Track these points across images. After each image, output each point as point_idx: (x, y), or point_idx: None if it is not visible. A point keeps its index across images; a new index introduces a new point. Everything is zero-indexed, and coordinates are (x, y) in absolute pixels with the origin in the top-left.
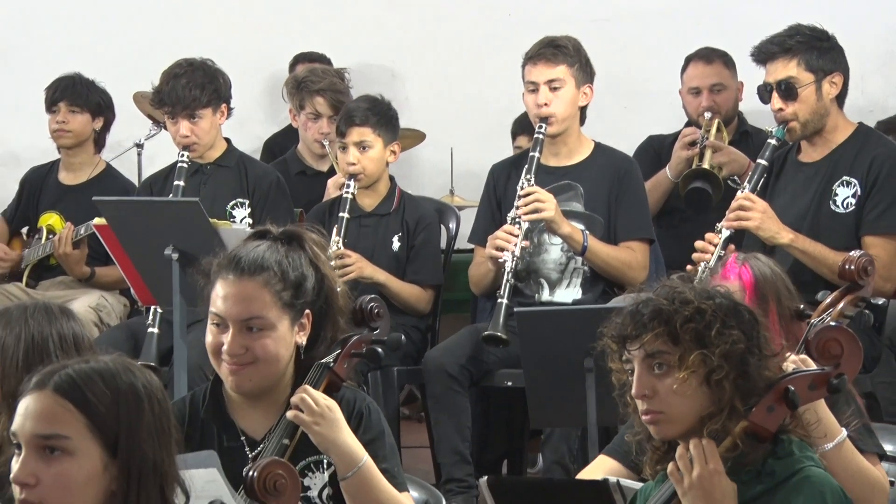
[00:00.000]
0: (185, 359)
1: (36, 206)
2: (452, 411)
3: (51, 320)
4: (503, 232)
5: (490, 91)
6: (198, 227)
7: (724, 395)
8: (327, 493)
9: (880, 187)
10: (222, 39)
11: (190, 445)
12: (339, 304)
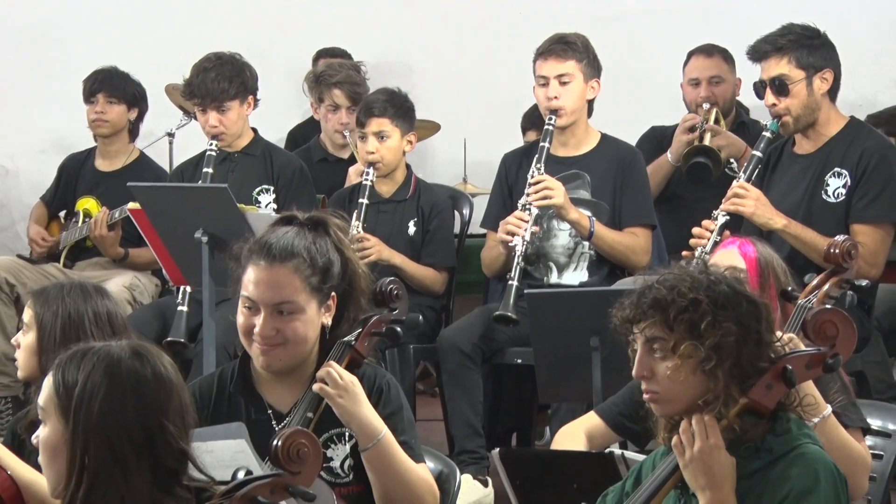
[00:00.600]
0: (213, 336)
1: (73, 191)
2: (465, 387)
3: (86, 298)
4: (514, 218)
5: (501, 85)
6: (226, 212)
7: (718, 383)
8: (349, 464)
9: (868, 178)
10: (249, 35)
11: (219, 418)
12: (362, 286)
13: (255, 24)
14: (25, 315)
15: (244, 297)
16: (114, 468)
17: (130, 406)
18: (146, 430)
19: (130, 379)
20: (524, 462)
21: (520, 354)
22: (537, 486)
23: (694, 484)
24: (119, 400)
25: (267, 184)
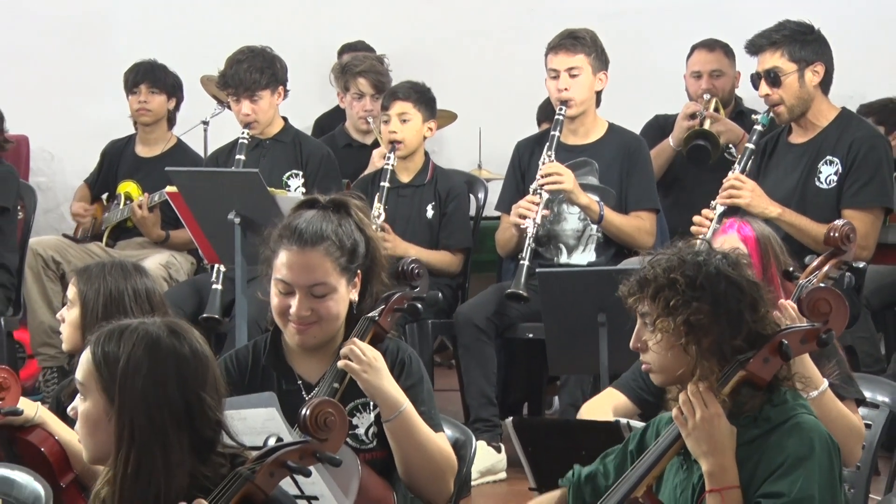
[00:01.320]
0: (245, 311)
1: (115, 175)
2: (480, 359)
3: (126, 277)
4: (526, 202)
5: (514, 77)
6: (257, 195)
7: (690, 358)
8: (372, 431)
9: (858, 166)
10: (279, 30)
11: (253, 388)
12: (382, 262)
13: (284, 20)
14: (69, 292)
15: (278, 280)
16: (156, 441)
17: (171, 381)
18: (186, 403)
19: (171, 355)
20: (536, 430)
21: (531, 329)
22: (548, 452)
23: (696, 451)
24: (161, 376)
25: (296, 169)
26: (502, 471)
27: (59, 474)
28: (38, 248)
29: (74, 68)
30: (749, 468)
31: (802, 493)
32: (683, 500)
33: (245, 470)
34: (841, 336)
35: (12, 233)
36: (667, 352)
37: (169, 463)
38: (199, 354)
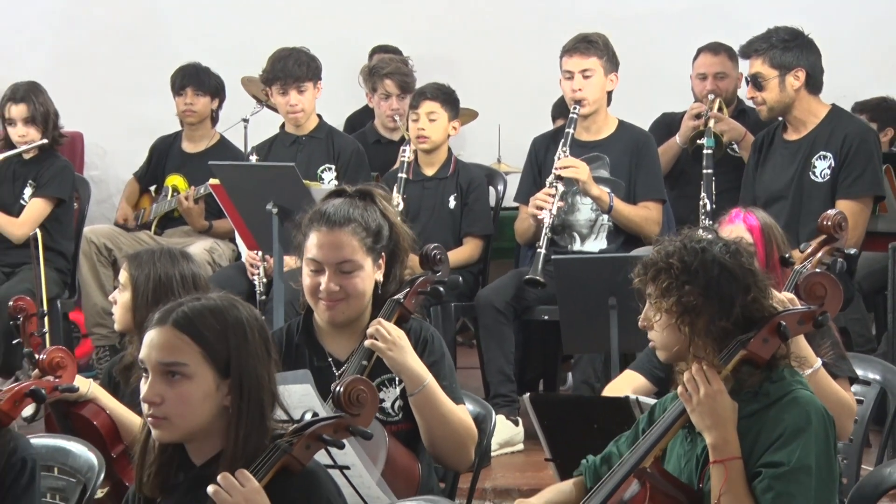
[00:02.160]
0: (282, 294)
1: (163, 169)
2: (499, 339)
3: (174, 262)
4: (542, 194)
5: (531, 77)
6: (293, 187)
7: (683, 338)
8: (398, 405)
9: (851, 160)
10: (312, 34)
11: (287, 366)
12: (405, 246)
13: (318, 25)
14: (121, 276)
15: (309, 259)
16: (258, 410)
17: (262, 352)
18: (269, 374)
19: (255, 321)
20: (551, 405)
21: (547, 312)
22: (562, 426)
23: (700, 424)
24: (255, 348)
25: (329, 163)
26: (520, 442)
27: (110, 445)
28: (91, 236)
29: (125, 70)
30: (750, 440)
31: (800, 463)
32: (688, 470)
33: (283, 442)
34: (835, 318)
35: (68, 222)
36: (664, 330)
37: (265, 433)
38: (263, 324)
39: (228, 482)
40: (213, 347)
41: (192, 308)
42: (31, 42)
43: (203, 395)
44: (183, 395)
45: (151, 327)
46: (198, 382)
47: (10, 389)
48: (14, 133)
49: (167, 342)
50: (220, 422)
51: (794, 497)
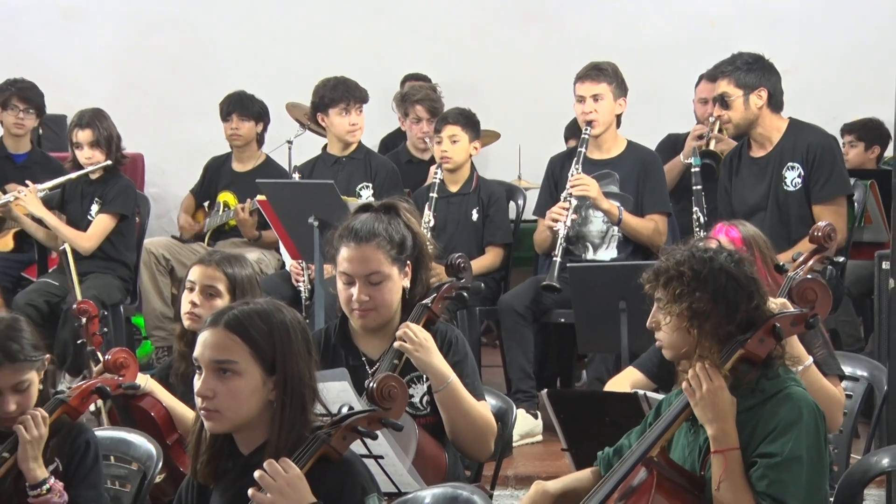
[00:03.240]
0: (322, 299)
1: (215, 186)
2: (519, 340)
3: (244, 266)
4: (558, 207)
5: (549, 101)
6: (332, 202)
7: (692, 339)
8: (426, 400)
9: (818, 166)
10: (348, 64)
11: (325, 365)
12: (429, 253)
13: (353, 54)
14: (214, 280)
15: (341, 272)
16: (300, 404)
17: (304, 352)
18: (310, 372)
19: (298, 323)
20: (567, 400)
21: (563, 315)
22: (577, 419)
23: (703, 418)
24: (298, 347)
25: (367, 181)
26: (539, 434)
27: (166, 434)
28: (151, 247)
29: (180, 96)
30: (747, 432)
31: (792, 454)
32: (691, 459)
33: (323, 433)
34: (826, 320)
35: (131, 235)
36: (674, 332)
37: (306, 425)
38: (305, 326)
39: (273, 468)
40: (260, 347)
41: (242, 311)
42: (95, 72)
43: (251, 390)
44: (233, 390)
45: (205, 329)
46: (247, 379)
47: (78, 387)
48: (81, 155)
49: (219, 342)
50: (266, 414)
51: (787, 484)
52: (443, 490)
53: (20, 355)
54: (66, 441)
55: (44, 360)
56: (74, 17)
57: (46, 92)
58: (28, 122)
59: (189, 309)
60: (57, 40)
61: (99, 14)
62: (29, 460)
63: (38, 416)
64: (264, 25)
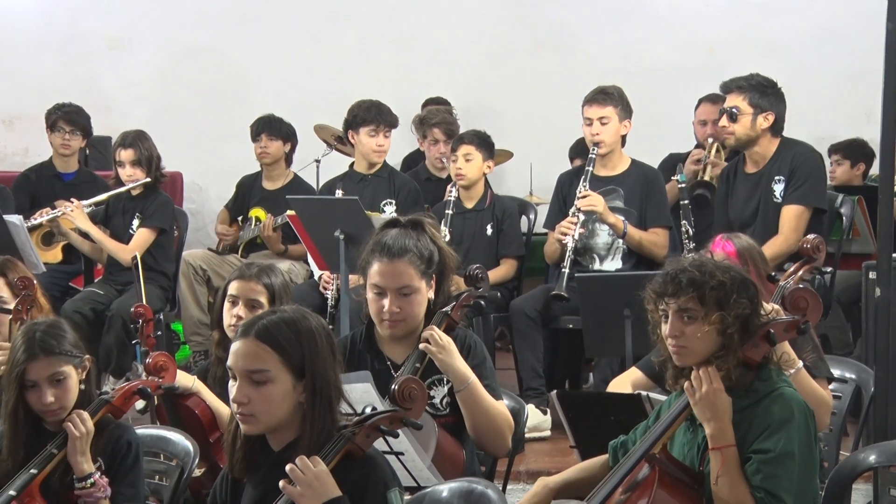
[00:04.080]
0: (347, 307)
1: (247, 202)
2: (531, 343)
3: (279, 275)
4: (566, 222)
5: (559, 123)
6: (357, 217)
7: (733, 342)
8: (446, 401)
9: (796, 173)
10: (371, 89)
11: (351, 368)
12: (451, 266)
13: (376, 80)
14: (255, 293)
15: (373, 285)
16: (327, 405)
17: (329, 355)
18: (336, 374)
19: (323, 329)
20: (575, 401)
21: (571, 321)
22: (585, 418)
23: (701, 416)
24: (324, 352)
25: (390, 198)
26: (547, 429)
27: (208, 432)
28: (189, 259)
29: (215, 119)
30: (742, 430)
31: (784, 450)
32: (690, 455)
33: (348, 432)
34: (817, 325)
35: (170, 247)
36: (711, 340)
37: (333, 424)
38: (329, 331)
39: (303, 463)
40: (289, 354)
41: (270, 321)
42: (137, 97)
43: (283, 395)
44: (266, 396)
45: (237, 339)
46: (278, 385)
47: (121, 388)
48: (123, 173)
49: (251, 352)
50: (296, 415)
51: (780, 478)
52: (459, 484)
53: (56, 349)
54: (109, 441)
55: (83, 360)
56: (120, 47)
57: (93, 115)
58: (74, 143)
59: (234, 322)
60: (103, 68)
61: (142, 44)
62: (77, 454)
63: (84, 414)
64: (293, 54)
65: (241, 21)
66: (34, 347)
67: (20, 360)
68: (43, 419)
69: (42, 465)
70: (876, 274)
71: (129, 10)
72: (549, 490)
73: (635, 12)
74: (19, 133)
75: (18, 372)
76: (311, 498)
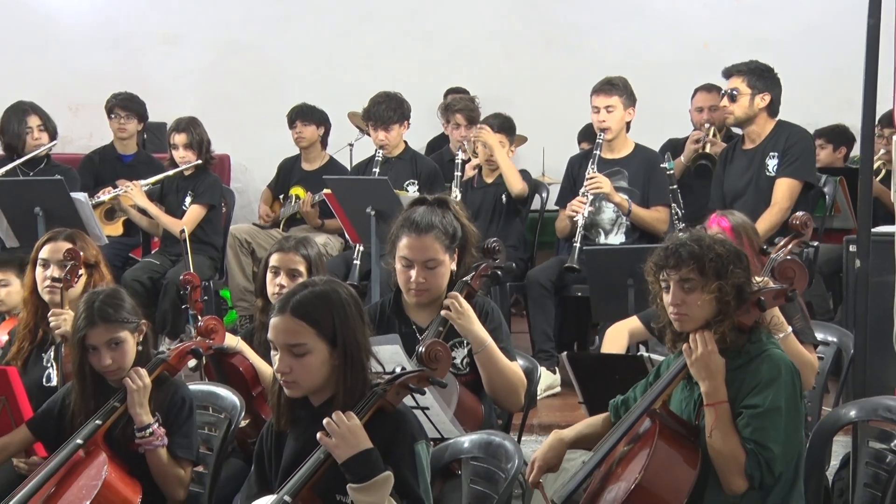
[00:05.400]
0: (378, 277)
1: (288, 182)
2: (544, 310)
3: (315, 246)
4: (576, 201)
5: (568, 111)
6: (386, 195)
7: (729, 309)
8: (466, 361)
9: (790, 151)
10: (401, 79)
11: (381, 332)
12: (472, 241)
13: (404, 72)
14: (294, 263)
15: (401, 257)
16: (359, 366)
17: (359, 322)
18: (365, 338)
19: (351, 297)
20: (583, 361)
21: (580, 289)
22: (592, 377)
23: (697, 376)
24: (353, 319)
25: (413, 178)
26: (558, 386)
27: (251, 387)
28: (235, 233)
29: (259, 107)
30: (734, 388)
31: (772, 405)
32: (687, 411)
33: (380, 389)
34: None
35: (218, 222)
36: (711, 307)
37: (366, 386)
38: (357, 298)
39: (338, 418)
40: (322, 326)
41: (304, 297)
42: (189, 87)
43: (321, 363)
44: (306, 366)
45: (275, 315)
46: (315, 355)
47: (176, 348)
48: (177, 156)
49: (289, 328)
50: (333, 377)
51: (768, 431)
52: (479, 436)
53: (113, 317)
54: (165, 396)
55: (139, 324)
56: (173, 42)
57: (149, 104)
58: (130, 127)
59: (277, 290)
60: (158, 61)
61: (192, 40)
62: (136, 407)
63: (142, 371)
64: (328, 49)
65: (281, 20)
66: (93, 315)
67: (81, 327)
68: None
69: (105, 416)
70: (856, 247)
71: (181, 9)
72: (563, 442)
73: (637, 12)
74: (83, 120)
75: (80, 337)
76: (345, 449)
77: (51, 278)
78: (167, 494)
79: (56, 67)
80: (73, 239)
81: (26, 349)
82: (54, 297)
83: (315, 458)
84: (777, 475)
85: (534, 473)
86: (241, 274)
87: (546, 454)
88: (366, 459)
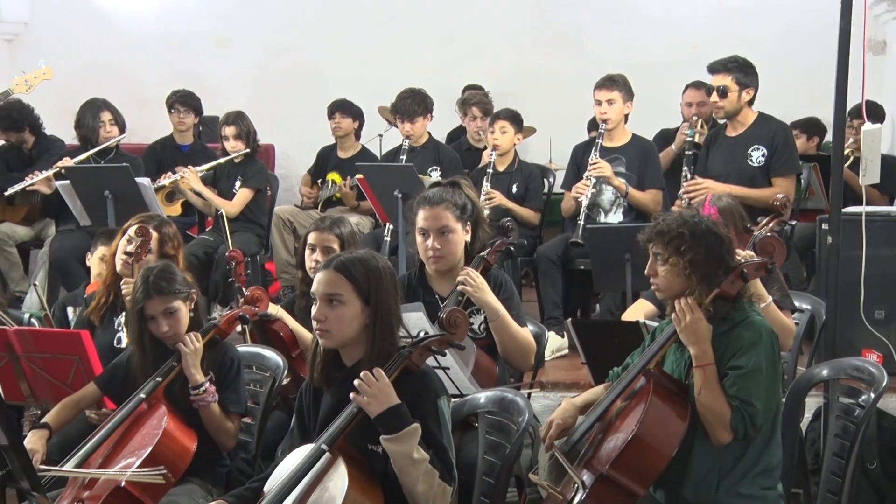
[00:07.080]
0: (405, 252)
1: (325, 168)
2: (552, 281)
3: (348, 225)
4: (581, 184)
5: (574, 104)
6: (411, 179)
7: (692, 283)
8: (482, 327)
9: (780, 149)
10: (426, 76)
11: (407, 300)
12: (483, 217)
13: (427, 70)
14: (329, 241)
15: (419, 228)
16: (389, 328)
17: (392, 290)
18: (397, 305)
19: (388, 268)
20: (586, 327)
21: (583, 263)
22: (594, 341)
23: (686, 341)
24: (388, 286)
25: (435, 165)
26: (565, 349)
27: (291, 349)
28: (279, 213)
29: (300, 102)
30: (720, 351)
31: (755, 366)
32: (678, 371)
33: (405, 351)
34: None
35: (264, 204)
36: (674, 278)
37: (393, 345)
38: (393, 271)
39: (368, 377)
40: (359, 284)
41: (347, 258)
42: (238, 84)
43: (352, 316)
44: (340, 316)
45: (320, 270)
46: (349, 307)
47: (226, 314)
48: (228, 145)
49: (329, 280)
50: (363, 336)
51: (751, 389)
52: (494, 393)
53: (166, 289)
54: (217, 357)
55: (190, 293)
56: (225, 44)
57: (204, 100)
58: (188, 121)
59: (313, 265)
60: (212, 62)
61: (243, 42)
62: (190, 367)
63: (193, 335)
64: (360, 50)
65: (320, 25)
66: (149, 288)
67: (140, 299)
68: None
69: (164, 374)
70: (828, 226)
71: (232, 15)
72: (574, 407)
73: (634, 15)
74: (147, 114)
75: (139, 308)
76: (375, 405)
77: (124, 252)
78: (219, 443)
79: (125, 68)
80: (162, 225)
81: (102, 304)
82: (125, 268)
83: (349, 412)
84: (758, 428)
85: (552, 432)
86: (284, 249)
87: (563, 415)
88: (396, 413)
